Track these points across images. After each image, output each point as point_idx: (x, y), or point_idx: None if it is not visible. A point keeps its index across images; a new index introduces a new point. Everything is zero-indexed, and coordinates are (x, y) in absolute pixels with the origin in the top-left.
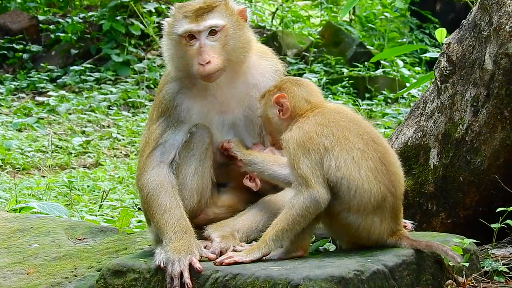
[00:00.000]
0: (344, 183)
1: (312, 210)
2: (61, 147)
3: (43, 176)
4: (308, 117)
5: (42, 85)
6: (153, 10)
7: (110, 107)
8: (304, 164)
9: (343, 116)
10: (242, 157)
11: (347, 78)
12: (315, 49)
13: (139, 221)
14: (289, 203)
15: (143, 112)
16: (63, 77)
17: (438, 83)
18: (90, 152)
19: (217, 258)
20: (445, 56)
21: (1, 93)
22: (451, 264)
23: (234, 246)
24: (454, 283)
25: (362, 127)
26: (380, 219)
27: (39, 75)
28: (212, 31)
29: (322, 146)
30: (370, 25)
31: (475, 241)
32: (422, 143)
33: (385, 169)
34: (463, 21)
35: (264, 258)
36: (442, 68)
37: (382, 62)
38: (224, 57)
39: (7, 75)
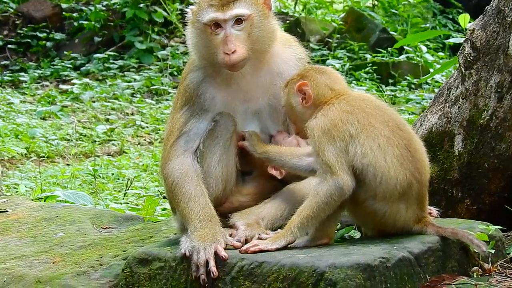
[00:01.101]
0: (370, 170)
1: (337, 197)
2: (85, 135)
3: (68, 165)
4: (333, 104)
5: (65, 73)
6: None
7: (134, 95)
8: (329, 151)
9: (368, 103)
10: (258, 156)
11: (370, 64)
12: (338, 35)
13: (164, 209)
14: (313, 190)
15: (167, 100)
16: (86, 65)
17: (462, 69)
18: (114, 140)
19: (242, 246)
20: (469, 42)
21: (25, 82)
22: (476, 251)
23: (259, 234)
24: (479, 269)
25: (387, 114)
26: (405, 206)
27: (62, 63)
28: (238, 20)
29: (348, 133)
30: (393, 10)
31: (500, 227)
32: (447, 129)
33: (410, 156)
34: (486, 7)
35: (289, 246)
36: (466, 55)
37: (405, 47)
38: (249, 47)
39: (30, 63)
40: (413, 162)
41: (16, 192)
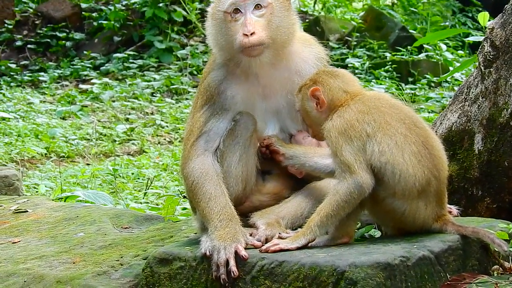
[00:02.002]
0: (388, 168)
1: (356, 195)
2: (105, 135)
3: (88, 164)
4: (349, 105)
5: (85, 72)
6: None
7: (154, 94)
8: (346, 151)
9: (383, 102)
10: (284, 151)
11: (390, 63)
12: (358, 34)
13: (184, 209)
14: (333, 189)
15: (187, 99)
16: (106, 65)
17: (482, 68)
18: (134, 139)
19: (262, 245)
20: (489, 41)
21: (45, 81)
22: (497, 250)
23: (279, 233)
24: (500, 268)
25: (403, 112)
26: (425, 204)
27: (82, 63)
28: (258, 6)
29: (364, 133)
30: (412, 9)
31: None
32: (467, 128)
33: (428, 153)
34: (506, 5)
35: (309, 245)
36: (485, 53)
37: (425, 46)
38: (268, 34)
39: (50, 63)
40: (430, 159)
41: (36, 192)
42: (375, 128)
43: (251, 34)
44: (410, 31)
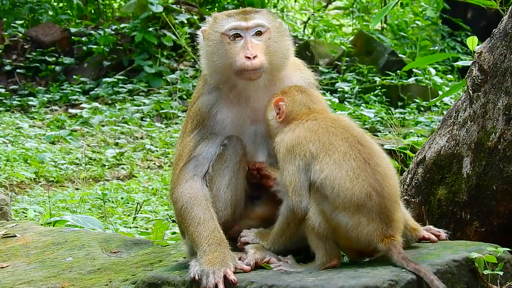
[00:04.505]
0: (327, 183)
1: (292, 217)
2: (94, 159)
3: (77, 189)
4: (302, 121)
5: (74, 97)
6: (185, 21)
7: (143, 119)
8: (289, 171)
9: (335, 123)
10: (276, 176)
11: (379, 87)
12: (347, 58)
13: (173, 233)
14: (281, 210)
15: (176, 123)
16: (95, 89)
17: (470, 92)
18: (124, 164)
19: (251, 269)
20: (477, 65)
21: (34, 106)
22: (485, 273)
23: (269, 257)
24: None
25: (350, 131)
26: (366, 219)
27: (71, 87)
28: (258, 32)
29: (309, 152)
30: (402, 33)
31: (509, 249)
32: (455, 152)
33: (369, 168)
34: (494, 30)
35: (298, 271)
36: (474, 77)
37: (414, 70)
38: (267, 58)
39: (39, 87)
40: (372, 174)
41: (25, 217)
42: (319, 148)
43: (254, 57)
44: (400, 55)
